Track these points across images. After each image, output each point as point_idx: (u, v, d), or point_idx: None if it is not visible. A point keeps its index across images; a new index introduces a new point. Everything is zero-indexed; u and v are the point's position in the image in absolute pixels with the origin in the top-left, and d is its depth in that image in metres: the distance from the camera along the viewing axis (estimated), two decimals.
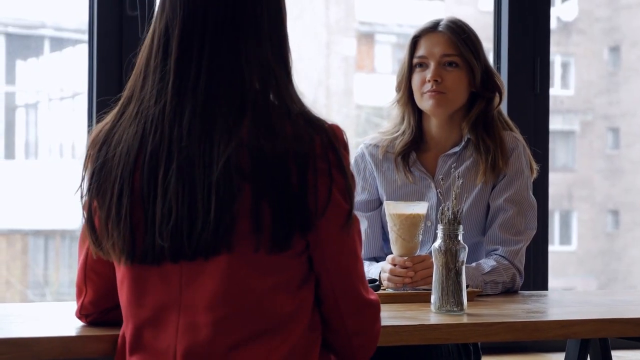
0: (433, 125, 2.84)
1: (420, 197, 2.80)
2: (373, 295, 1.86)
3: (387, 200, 2.81)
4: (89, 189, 1.78)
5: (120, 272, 1.81)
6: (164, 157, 1.72)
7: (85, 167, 1.81)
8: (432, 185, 2.80)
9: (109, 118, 1.82)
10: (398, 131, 2.86)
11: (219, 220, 1.69)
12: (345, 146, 1.78)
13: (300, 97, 1.80)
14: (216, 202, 1.69)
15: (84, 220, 1.81)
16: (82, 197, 1.81)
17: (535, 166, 2.86)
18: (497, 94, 2.81)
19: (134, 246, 1.74)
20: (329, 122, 1.78)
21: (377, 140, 2.88)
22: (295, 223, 1.72)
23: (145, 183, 1.73)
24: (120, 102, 1.82)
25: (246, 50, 1.76)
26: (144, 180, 1.73)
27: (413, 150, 2.84)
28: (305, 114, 1.76)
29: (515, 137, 2.81)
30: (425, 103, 2.78)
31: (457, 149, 2.81)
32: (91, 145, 1.81)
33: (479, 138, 2.79)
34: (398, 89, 2.85)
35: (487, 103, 2.81)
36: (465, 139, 2.80)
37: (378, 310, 1.87)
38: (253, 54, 1.77)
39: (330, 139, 1.75)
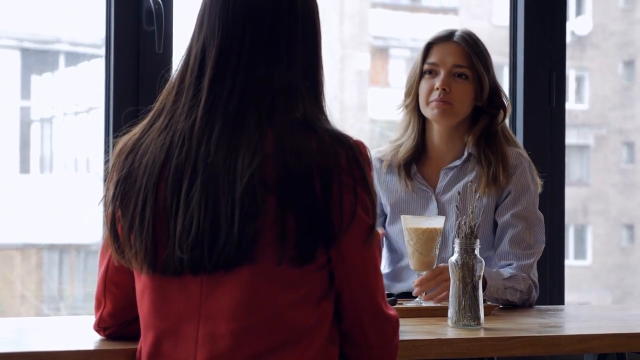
0: (435, 135, 2.86)
1: (421, 210, 2.82)
2: (392, 311, 1.88)
3: (389, 211, 2.83)
4: (113, 198, 1.79)
5: (141, 282, 1.81)
6: (188, 172, 1.73)
7: (110, 176, 1.82)
8: (433, 197, 2.82)
9: (138, 129, 1.83)
10: (402, 138, 2.89)
11: (242, 233, 1.70)
12: (369, 163, 1.79)
13: (330, 117, 1.81)
14: (240, 216, 1.69)
15: (106, 230, 1.82)
16: (105, 205, 1.81)
17: (539, 181, 2.88)
18: (502, 111, 2.84)
19: (156, 257, 1.75)
20: (354, 139, 1.79)
21: (381, 154, 2.92)
22: (319, 236, 1.73)
23: (169, 195, 1.73)
24: (151, 114, 1.83)
25: (279, 71, 1.78)
26: (168, 192, 1.74)
27: (414, 162, 2.86)
28: (330, 131, 1.77)
29: (519, 154, 2.83)
30: (430, 111, 2.80)
31: (458, 162, 2.83)
32: (117, 155, 1.82)
33: (480, 152, 2.80)
34: (407, 94, 2.87)
35: (491, 119, 2.84)
36: (467, 153, 2.82)
37: (397, 325, 1.88)
38: (285, 74, 1.78)
39: (355, 155, 1.76)
